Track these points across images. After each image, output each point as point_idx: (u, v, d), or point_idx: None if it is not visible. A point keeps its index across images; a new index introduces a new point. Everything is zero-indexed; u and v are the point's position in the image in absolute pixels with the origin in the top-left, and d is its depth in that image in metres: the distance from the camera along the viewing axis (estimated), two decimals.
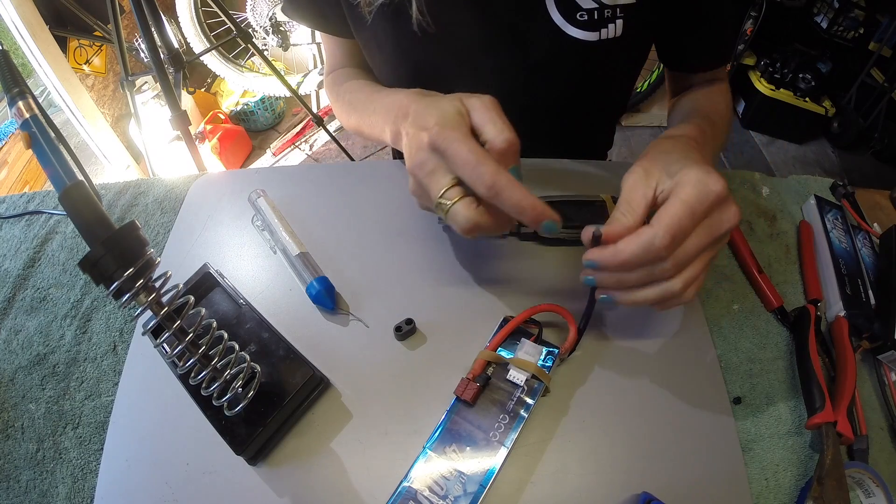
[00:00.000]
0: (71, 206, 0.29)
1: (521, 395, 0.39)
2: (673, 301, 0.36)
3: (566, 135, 0.68)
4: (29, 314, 0.49)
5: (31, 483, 0.39)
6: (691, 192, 0.33)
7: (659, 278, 0.35)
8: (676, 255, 0.34)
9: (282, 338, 0.42)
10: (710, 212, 0.34)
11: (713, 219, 0.34)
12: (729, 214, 0.35)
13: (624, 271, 0.35)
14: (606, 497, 0.36)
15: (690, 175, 0.34)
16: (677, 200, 0.33)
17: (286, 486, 0.37)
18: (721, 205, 0.34)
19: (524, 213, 0.35)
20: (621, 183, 0.37)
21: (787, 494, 0.38)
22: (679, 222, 0.33)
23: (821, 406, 0.39)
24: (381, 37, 0.54)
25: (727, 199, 0.34)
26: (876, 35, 1.86)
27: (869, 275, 0.50)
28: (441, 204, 0.37)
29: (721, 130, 0.55)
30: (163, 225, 0.55)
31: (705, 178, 0.34)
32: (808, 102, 1.93)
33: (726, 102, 0.60)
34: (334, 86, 0.64)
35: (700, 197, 0.33)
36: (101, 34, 1.70)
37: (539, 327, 0.42)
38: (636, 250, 0.33)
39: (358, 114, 0.56)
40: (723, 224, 0.35)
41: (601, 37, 0.51)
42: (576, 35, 0.51)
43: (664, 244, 0.32)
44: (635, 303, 0.36)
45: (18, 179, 1.89)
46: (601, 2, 0.49)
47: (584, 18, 0.50)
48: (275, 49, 2.00)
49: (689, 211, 0.33)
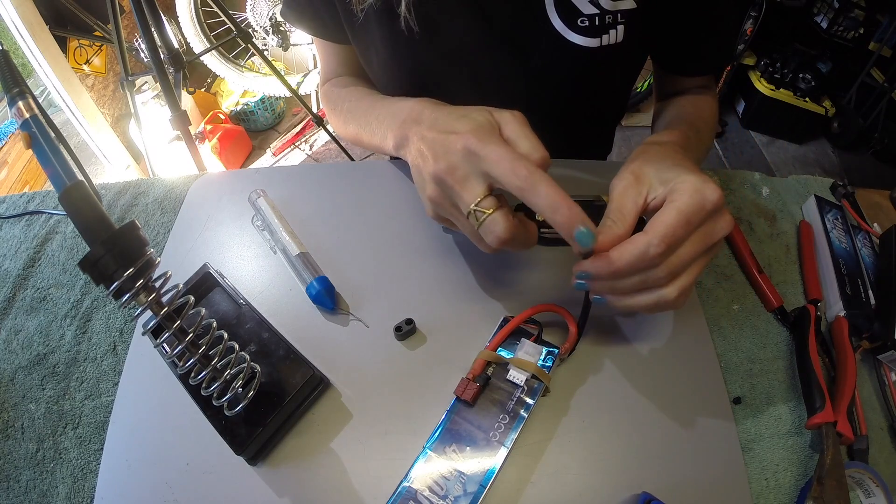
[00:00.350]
0: (71, 206, 0.29)
1: (521, 395, 0.39)
2: (665, 308, 0.35)
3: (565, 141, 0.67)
4: (29, 314, 0.49)
5: (31, 483, 0.39)
6: (688, 201, 0.33)
7: (652, 285, 0.34)
8: (670, 263, 0.33)
9: (282, 338, 0.42)
10: (705, 221, 0.34)
11: (707, 227, 0.34)
12: (723, 223, 0.35)
13: (617, 280, 0.35)
14: (606, 497, 0.36)
15: (687, 184, 0.34)
16: (673, 209, 0.33)
17: (286, 486, 0.37)
18: (716, 214, 0.34)
19: (558, 212, 0.32)
20: (610, 188, 0.37)
21: (787, 494, 0.38)
22: (674, 231, 0.32)
23: (821, 406, 0.39)
24: (377, 41, 0.54)
25: (721, 208, 0.34)
26: (876, 35, 1.86)
27: (869, 275, 0.50)
28: (476, 212, 0.35)
29: (705, 139, 0.55)
30: (163, 225, 0.55)
31: (702, 187, 0.33)
32: (808, 102, 1.93)
33: (712, 112, 0.59)
34: (331, 94, 0.63)
35: (697, 206, 0.33)
36: (101, 34, 1.70)
37: (539, 327, 0.42)
38: (630, 259, 0.33)
39: (357, 122, 0.55)
40: (716, 233, 0.34)
41: (602, 43, 0.50)
42: (577, 41, 0.50)
43: (658, 252, 0.32)
44: (629, 308, 0.36)
45: (18, 179, 1.89)
46: (602, 7, 0.48)
47: (585, 24, 0.49)
48: (275, 49, 2.00)
49: (684, 220, 0.32)
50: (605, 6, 0.48)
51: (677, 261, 0.33)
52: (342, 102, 0.60)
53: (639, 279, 0.34)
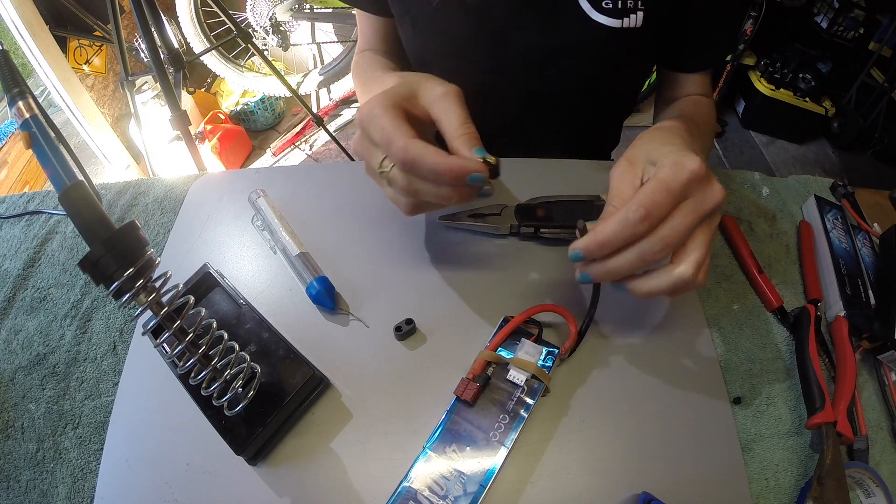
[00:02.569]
0: (71, 206, 0.29)
1: (521, 395, 0.39)
2: (686, 286, 0.35)
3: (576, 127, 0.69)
4: (29, 314, 0.49)
5: (31, 483, 0.39)
6: (667, 171, 0.34)
7: (650, 259, 0.34)
8: (663, 234, 0.33)
9: (282, 338, 0.42)
10: (690, 190, 0.34)
11: (696, 198, 0.34)
12: (712, 193, 0.34)
13: (606, 253, 0.35)
14: (606, 497, 0.36)
15: (668, 158, 0.35)
16: (653, 179, 0.34)
17: (286, 486, 0.37)
18: (701, 183, 0.34)
19: (442, 178, 0.35)
20: (609, 177, 0.38)
21: (787, 494, 0.38)
22: (652, 197, 0.33)
23: (821, 406, 0.39)
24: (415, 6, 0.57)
25: (706, 177, 0.34)
26: (876, 35, 1.86)
27: (869, 275, 0.50)
28: (382, 173, 0.38)
29: (705, 134, 0.56)
30: (163, 225, 0.55)
31: (681, 158, 0.34)
32: (808, 102, 1.93)
33: (710, 114, 0.62)
34: (357, 66, 0.67)
35: (674, 175, 0.33)
36: (101, 34, 1.70)
37: (539, 327, 0.42)
38: (613, 227, 0.33)
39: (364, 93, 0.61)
40: (706, 201, 0.34)
41: (623, 25, 0.53)
42: (600, 20, 0.53)
43: (638, 217, 0.32)
44: (649, 291, 0.36)
45: (18, 179, 1.89)
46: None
47: (608, 6, 0.53)
48: (275, 49, 2.00)
49: (663, 187, 0.33)
50: None
51: (670, 232, 0.33)
52: (361, 74, 0.65)
53: (635, 255, 0.34)
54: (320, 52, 2.17)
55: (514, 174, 0.55)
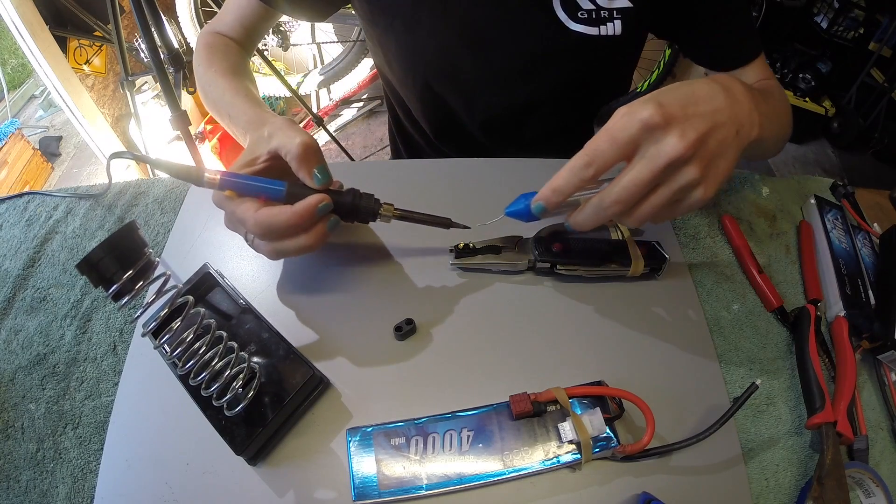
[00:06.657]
0: None
1: (555, 448, 0.37)
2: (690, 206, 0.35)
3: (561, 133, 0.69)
4: (29, 314, 0.49)
5: (31, 483, 0.39)
6: (616, 119, 0.33)
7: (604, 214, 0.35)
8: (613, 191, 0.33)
9: (282, 338, 0.42)
10: (639, 140, 0.32)
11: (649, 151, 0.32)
12: (665, 144, 0.31)
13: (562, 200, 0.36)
14: (606, 497, 0.36)
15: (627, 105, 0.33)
16: (603, 128, 0.34)
17: (286, 486, 0.37)
18: (653, 133, 0.32)
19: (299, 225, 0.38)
20: None
21: (787, 494, 0.38)
22: (596, 144, 0.33)
23: (821, 406, 0.39)
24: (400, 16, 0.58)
25: (661, 126, 0.31)
26: (876, 35, 1.86)
27: (869, 275, 0.50)
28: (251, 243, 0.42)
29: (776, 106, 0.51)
30: (163, 225, 0.55)
31: (637, 105, 0.32)
32: (808, 102, 1.93)
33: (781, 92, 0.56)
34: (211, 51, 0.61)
35: (622, 123, 0.32)
36: (101, 34, 1.70)
37: (621, 412, 0.39)
38: (563, 174, 0.35)
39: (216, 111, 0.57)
40: (660, 154, 0.31)
41: (601, 32, 0.54)
42: (577, 29, 0.54)
43: (581, 163, 0.33)
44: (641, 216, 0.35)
45: (18, 179, 1.89)
46: (598, 4, 0.53)
47: (584, 17, 0.53)
48: (275, 49, 2.00)
49: (608, 135, 0.33)
50: (601, 3, 0.53)
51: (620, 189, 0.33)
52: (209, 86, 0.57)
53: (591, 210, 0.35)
54: (320, 52, 2.17)
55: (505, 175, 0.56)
